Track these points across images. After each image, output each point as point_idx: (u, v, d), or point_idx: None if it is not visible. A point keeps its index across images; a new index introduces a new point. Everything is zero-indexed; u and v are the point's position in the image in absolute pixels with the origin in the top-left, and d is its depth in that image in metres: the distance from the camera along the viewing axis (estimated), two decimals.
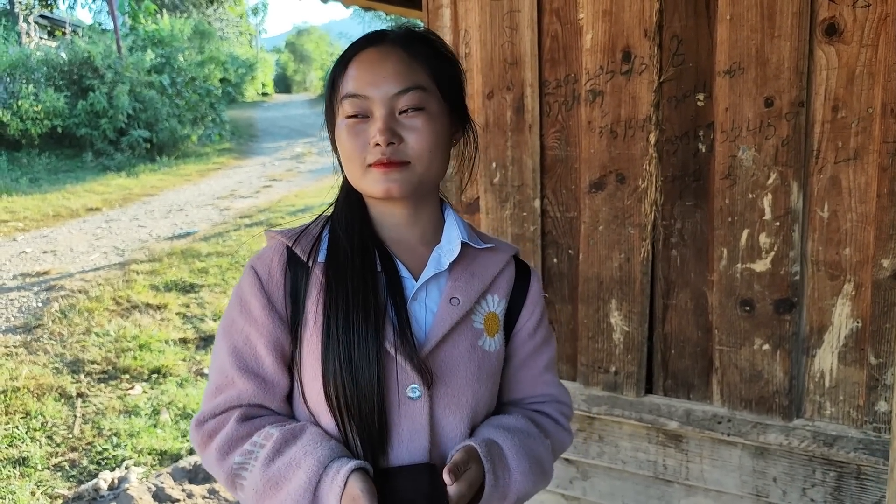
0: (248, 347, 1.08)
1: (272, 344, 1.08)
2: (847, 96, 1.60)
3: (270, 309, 1.08)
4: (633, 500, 2.07)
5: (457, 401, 1.08)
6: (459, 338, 1.09)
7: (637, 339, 1.96)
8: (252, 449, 1.04)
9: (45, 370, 4.61)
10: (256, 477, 1.02)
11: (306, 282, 1.08)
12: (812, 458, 1.77)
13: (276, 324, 1.08)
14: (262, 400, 1.09)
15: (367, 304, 1.03)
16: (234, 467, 1.04)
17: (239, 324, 1.09)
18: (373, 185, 1.05)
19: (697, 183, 1.82)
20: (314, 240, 1.11)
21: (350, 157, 1.05)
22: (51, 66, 15.02)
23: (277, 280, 1.09)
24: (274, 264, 1.10)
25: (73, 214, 9.48)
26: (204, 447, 1.08)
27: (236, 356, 1.08)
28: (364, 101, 1.04)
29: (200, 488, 3.27)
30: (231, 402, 1.08)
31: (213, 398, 1.09)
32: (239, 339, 1.09)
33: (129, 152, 14.71)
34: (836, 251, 1.68)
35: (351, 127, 1.04)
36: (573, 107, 1.97)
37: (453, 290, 1.10)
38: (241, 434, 1.05)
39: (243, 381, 1.07)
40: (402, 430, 1.05)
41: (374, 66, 1.05)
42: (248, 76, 28.09)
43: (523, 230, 2.09)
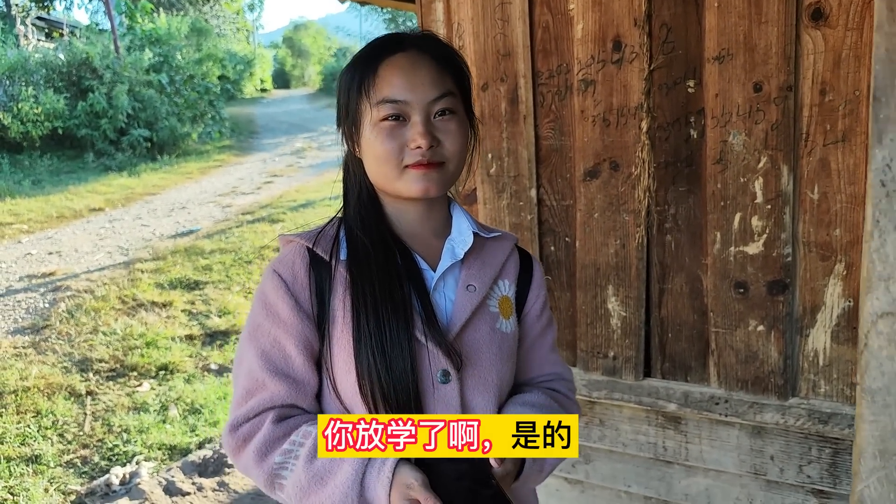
0: (277, 349, 1.11)
1: (302, 343, 1.11)
2: (834, 79, 1.63)
3: (298, 309, 1.11)
4: (634, 481, 2.11)
5: (484, 382, 1.14)
6: (479, 322, 1.15)
7: (634, 323, 1.99)
8: (292, 448, 1.06)
9: (54, 369, 4.67)
10: (300, 474, 1.04)
11: (331, 281, 1.12)
12: (808, 435, 1.81)
13: (305, 323, 1.11)
14: (295, 400, 1.11)
15: (395, 297, 1.08)
16: (275, 467, 1.06)
17: (266, 327, 1.11)
18: (410, 185, 1.10)
19: (690, 168, 1.85)
20: (333, 240, 1.15)
21: (385, 159, 1.09)
22: (49, 67, 15.02)
23: (302, 281, 1.12)
24: (297, 266, 1.13)
25: (76, 215, 9.52)
26: (240, 451, 1.10)
27: (265, 359, 1.10)
28: (402, 105, 1.08)
29: (210, 481, 3.32)
30: (264, 405, 1.10)
31: (245, 402, 1.10)
32: (266, 343, 1.11)
33: (130, 152, 14.74)
34: (827, 232, 1.71)
35: (389, 130, 1.08)
36: (566, 96, 1.99)
37: (468, 277, 1.16)
38: (278, 434, 1.08)
39: (274, 382, 1.09)
40: (436, 413, 1.09)
41: (410, 72, 1.09)
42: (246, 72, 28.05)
43: (520, 219, 2.12)
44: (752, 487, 1.92)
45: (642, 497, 2.11)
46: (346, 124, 1.15)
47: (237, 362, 1.15)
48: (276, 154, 15.91)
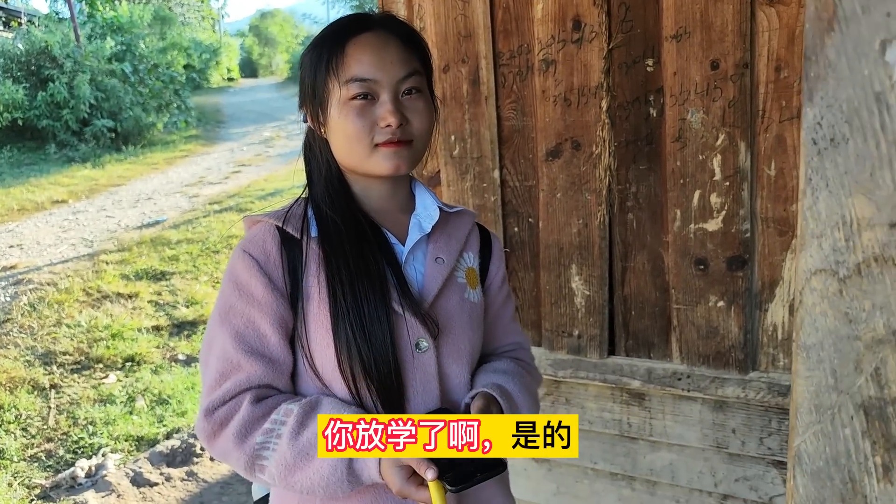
0: (252, 329, 1.10)
1: (277, 322, 1.10)
2: (789, 56, 1.65)
3: (272, 288, 1.10)
4: (600, 458, 2.13)
5: (458, 350, 1.17)
6: (450, 292, 1.19)
7: (598, 302, 2.01)
8: (273, 427, 1.06)
9: (16, 363, 4.59)
10: (284, 451, 1.03)
11: (303, 258, 1.12)
12: (768, 408, 1.84)
13: (280, 301, 1.10)
14: (271, 380, 1.10)
15: (370, 270, 1.10)
16: (256, 448, 1.05)
17: (238, 307, 1.10)
18: (381, 163, 1.11)
19: (650, 147, 1.87)
20: (302, 218, 1.15)
21: (356, 137, 1.10)
22: (7, 57, 14.65)
23: (275, 259, 1.12)
24: (269, 245, 1.13)
25: (38, 208, 9.33)
26: (216, 436, 1.08)
27: (240, 340, 1.09)
28: (371, 83, 1.09)
29: (178, 471, 3.30)
30: (241, 386, 1.08)
31: (219, 385, 1.09)
32: (240, 323, 1.10)
33: (94, 143, 14.45)
34: (784, 207, 1.73)
35: (359, 108, 1.09)
36: (527, 77, 1.99)
37: (436, 250, 1.20)
38: (257, 415, 1.07)
39: (250, 363, 1.08)
40: (416, 383, 1.12)
41: (379, 50, 1.10)
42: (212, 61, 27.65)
43: (484, 200, 2.12)
44: (715, 461, 1.96)
45: (608, 473, 2.14)
46: (311, 104, 1.15)
47: (206, 347, 1.14)
48: (244, 143, 15.73)
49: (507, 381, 1.20)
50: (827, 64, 0.50)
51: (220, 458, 1.11)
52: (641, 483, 2.09)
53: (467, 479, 0.98)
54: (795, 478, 0.57)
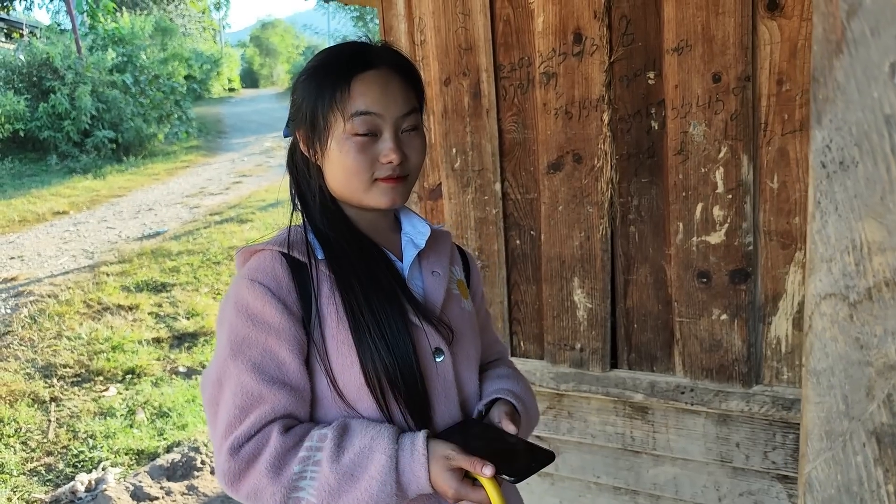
0: (270, 359, 1.07)
1: (297, 348, 1.09)
2: (791, 69, 1.65)
3: (288, 314, 1.09)
4: (603, 472, 2.12)
5: (468, 356, 1.23)
6: (451, 303, 1.23)
7: (600, 315, 2.00)
8: (309, 454, 1.04)
9: (16, 376, 4.57)
10: (327, 477, 1.02)
11: (314, 282, 1.12)
12: (772, 422, 1.83)
13: (297, 327, 1.09)
14: (294, 409, 1.08)
15: (383, 286, 1.13)
16: (293, 478, 1.03)
17: (253, 338, 1.08)
18: (379, 198, 1.13)
19: (651, 160, 1.86)
20: (304, 242, 1.15)
21: (355, 172, 1.11)
22: (9, 68, 14.70)
23: (287, 285, 1.10)
24: (278, 271, 1.11)
25: (39, 219, 9.33)
26: (246, 474, 1.04)
27: (259, 371, 1.06)
28: (375, 119, 1.11)
29: (179, 485, 3.28)
30: (266, 418, 1.05)
31: (242, 421, 1.05)
32: (256, 354, 1.07)
33: (95, 154, 14.47)
34: (787, 220, 1.72)
35: (361, 144, 1.11)
36: (528, 90, 1.99)
37: (430, 265, 1.24)
38: (290, 444, 1.04)
39: (273, 393, 1.06)
40: (438, 392, 1.15)
41: (384, 88, 1.12)
42: (213, 72, 27.72)
43: (485, 213, 2.12)
44: (719, 475, 1.94)
45: (612, 487, 2.12)
46: (308, 132, 1.15)
47: (215, 387, 1.09)
48: (245, 154, 15.75)
49: (515, 385, 1.27)
50: (836, 86, 0.49)
51: (249, 499, 1.05)
52: (645, 497, 2.07)
53: (524, 470, 1.00)
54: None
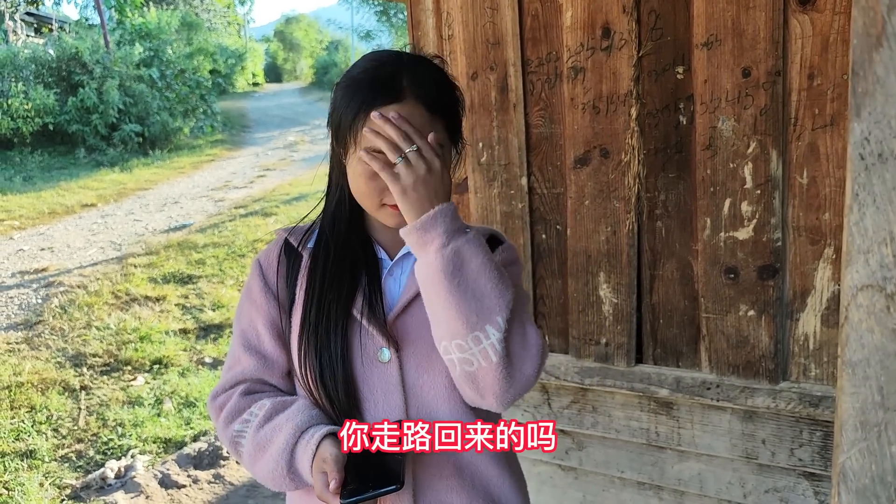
0: (252, 328, 1.23)
1: (269, 323, 1.22)
2: (822, 64, 1.63)
3: (267, 291, 1.23)
4: (627, 467, 2.12)
5: (428, 361, 1.16)
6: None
7: (626, 310, 2.00)
8: (248, 418, 1.18)
9: (47, 365, 4.66)
10: (250, 442, 1.16)
11: (298, 268, 1.23)
12: (799, 419, 1.82)
13: (272, 304, 1.22)
14: (263, 375, 1.23)
15: (342, 279, 1.17)
16: (234, 435, 1.18)
17: (245, 309, 1.24)
18: (387, 219, 1.15)
19: (679, 155, 1.86)
20: (306, 231, 1.25)
21: (365, 195, 1.13)
22: (39, 63, 14.93)
23: (273, 266, 1.24)
24: (272, 254, 1.26)
25: (68, 211, 9.49)
26: (215, 419, 1.23)
27: (242, 337, 1.23)
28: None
29: (206, 473, 3.33)
30: (237, 378, 1.22)
31: (224, 375, 1.25)
32: (245, 322, 1.24)
33: (122, 147, 14.68)
34: (816, 216, 1.71)
35: (370, 173, 1.09)
36: (556, 84, 1.99)
37: None
38: (242, 406, 1.20)
39: (247, 358, 1.22)
40: (376, 391, 1.16)
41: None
42: (237, 66, 27.95)
43: (511, 208, 2.12)
44: (744, 471, 1.94)
45: (636, 482, 2.12)
46: (337, 136, 1.15)
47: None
48: (269, 148, 15.87)
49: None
50: (875, 80, 0.50)
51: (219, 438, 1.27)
52: (669, 493, 2.07)
53: (355, 493, 1.01)
54: (840, 495, 0.56)
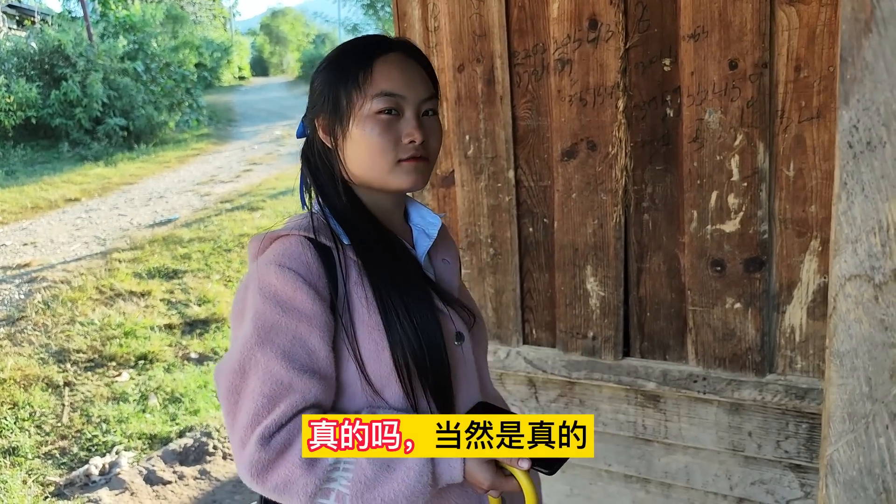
0: (301, 346, 1.05)
1: (327, 335, 1.07)
2: (809, 56, 1.63)
3: (319, 299, 1.07)
4: (615, 460, 2.12)
5: (481, 339, 1.29)
6: (462, 289, 1.32)
7: (613, 303, 2.00)
8: None
9: (30, 361, 4.61)
10: (363, 468, 1.01)
11: (341, 266, 1.11)
12: (785, 411, 1.82)
13: (327, 312, 1.08)
14: (323, 398, 1.06)
15: (409, 272, 1.15)
16: (328, 468, 1.01)
17: (283, 324, 1.05)
18: (403, 178, 1.13)
19: (666, 147, 1.85)
20: (328, 228, 1.14)
21: (381, 151, 1.11)
22: (21, 56, 14.75)
23: (317, 270, 1.08)
24: (308, 256, 1.09)
25: (51, 206, 9.39)
26: (276, 464, 1.00)
27: (289, 359, 1.04)
28: (399, 99, 1.12)
29: (191, 469, 3.31)
30: (296, 407, 1.03)
31: (272, 410, 1.02)
32: (286, 341, 1.05)
33: (106, 141, 14.53)
34: (803, 208, 1.71)
35: (386, 123, 1.11)
36: (543, 76, 1.98)
37: (440, 253, 1.29)
38: None
39: (303, 381, 1.04)
40: (461, 377, 1.19)
41: (406, 69, 1.14)
42: (223, 60, 27.75)
43: (498, 201, 2.11)
44: (731, 464, 1.94)
45: (623, 475, 2.13)
46: (329, 118, 1.15)
47: (236, 376, 1.05)
48: (255, 142, 15.78)
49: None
50: (864, 66, 0.49)
51: (274, 492, 1.02)
52: (656, 486, 2.08)
53: (556, 462, 1.02)
54: (828, 487, 0.56)
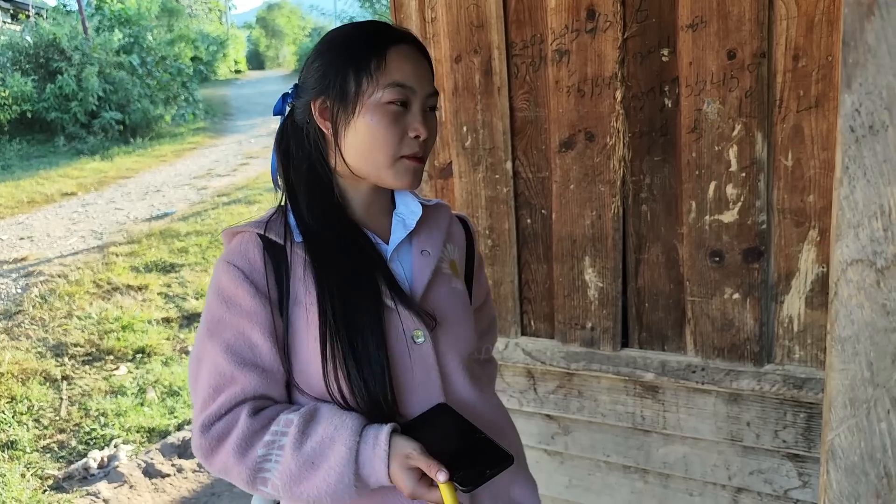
0: (243, 340, 1.08)
1: (268, 331, 1.08)
2: (807, 45, 1.63)
3: (259, 296, 1.08)
4: (613, 451, 2.13)
5: (454, 339, 1.19)
6: (439, 284, 1.20)
7: (611, 294, 2.00)
8: (274, 439, 1.04)
9: (28, 355, 4.61)
10: (288, 463, 1.02)
11: (287, 263, 1.10)
12: (783, 401, 1.83)
13: (268, 309, 1.08)
14: (266, 390, 1.08)
15: (358, 268, 1.10)
16: (258, 461, 1.03)
17: (227, 320, 1.08)
18: (400, 177, 1.11)
19: (664, 138, 1.85)
20: (283, 224, 1.13)
21: (384, 144, 1.08)
22: (16, 50, 14.69)
23: (259, 267, 1.09)
24: (252, 253, 1.10)
25: (48, 200, 9.37)
26: (215, 452, 1.06)
27: (231, 353, 1.07)
28: (409, 92, 1.09)
29: (190, 462, 3.31)
30: (236, 399, 1.06)
31: (213, 400, 1.06)
32: (230, 336, 1.08)
33: (102, 135, 14.49)
34: (801, 198, 1.71)
35: (395, 114, 1.08)
36: (540, 67, 1.98)
37: (421, 244, 1.21)
38: (256, 427, 1.05)
39: (244, 375, 1.06)
40: (415, 375, 1.12)
41: (417, 63, 1.12)
42: (219, 53, 27.69)
43: (496, 192, 2.11)
44: (729, 454, 1.94)
45: (621, 466, 2.13)
46: (330, 101, 1.10)
47: (195, 363, 1.11)
48: (252, 135, 15.74)
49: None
50: (866, 50, 0.49)
51: (219, 474, 1.08)
52: (654, 476, 2.08)
53: (478, 478, 0.97)
54: (829, 473, 0.56)
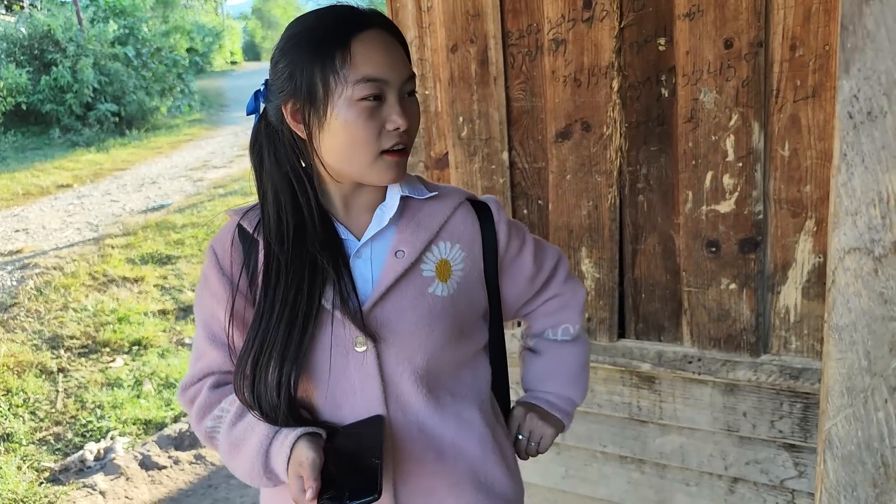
0: (214, 320, 1.15)
1: (230, 313, 1.12)
2: (804, 34, 1.62)
3: (225, 280, 1.14)
4: (610, 441, 2.13)
5: (407, 350, 1.10)
6: (407, 288, 1.11)
7: (608, 285, 1.99)
8: (220, 414, 1.15)
9: (23, 347, 4.60)
10: (224, 439, 1.13)
11: (255, 253, 1.12)
12: (779, 391, 1.83)
13: (231, 293, 1.13)
14: (230, 367, 1.16)
15: (303, 265, 1.07)
16: (208, 430, 1.17)
17: (204, 300, 1.17)
18: (383, 174, 1.06)
19: (661, 127, 1.84)
20: (258, 215, 1.14)
21: (364, 142, 1.03)
22: (10, 41, 14.60)
23: (230, 255, 1.15)
24: (226, 241, 1.16)
25: (43, 192, 9.33)
26: (188, 411, 1.21)
27: (206, 329, 1.17)
28: (382, 84, 1.02)
29: (187, 454, 3.30)
30: (205, 371, 1.19)
31: (193, 367, 1.20)
32: (206, 313, 1.17)
33: (98, 127, 14.42)
34: (798, 188, 1.71)
35: (370, 110, 1.02)
36: (537, 57, 1.97)
37: (399, 243, 1.12)
38: (212, 400, 1.17)
39: (212, 350, 1.17)
40: (354, 382, 1.10)
41: (387, 50, 1.03)
42: (215, 45, 27.54)
43: (493, 183, 2.10)
44: (726, 444, 1.95)
45: (618, 456, 2.13)
46: (301, 102, 1.04)
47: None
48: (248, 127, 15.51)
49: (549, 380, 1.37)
50: (865, 34, 0.48)
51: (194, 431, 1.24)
52: (651, 466, 2.08)
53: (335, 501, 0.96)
54: (826, 462, 0.55)
